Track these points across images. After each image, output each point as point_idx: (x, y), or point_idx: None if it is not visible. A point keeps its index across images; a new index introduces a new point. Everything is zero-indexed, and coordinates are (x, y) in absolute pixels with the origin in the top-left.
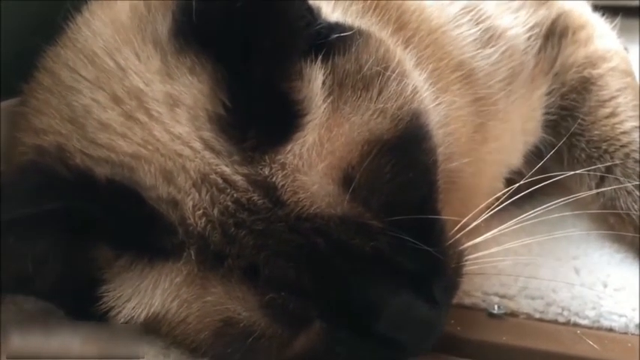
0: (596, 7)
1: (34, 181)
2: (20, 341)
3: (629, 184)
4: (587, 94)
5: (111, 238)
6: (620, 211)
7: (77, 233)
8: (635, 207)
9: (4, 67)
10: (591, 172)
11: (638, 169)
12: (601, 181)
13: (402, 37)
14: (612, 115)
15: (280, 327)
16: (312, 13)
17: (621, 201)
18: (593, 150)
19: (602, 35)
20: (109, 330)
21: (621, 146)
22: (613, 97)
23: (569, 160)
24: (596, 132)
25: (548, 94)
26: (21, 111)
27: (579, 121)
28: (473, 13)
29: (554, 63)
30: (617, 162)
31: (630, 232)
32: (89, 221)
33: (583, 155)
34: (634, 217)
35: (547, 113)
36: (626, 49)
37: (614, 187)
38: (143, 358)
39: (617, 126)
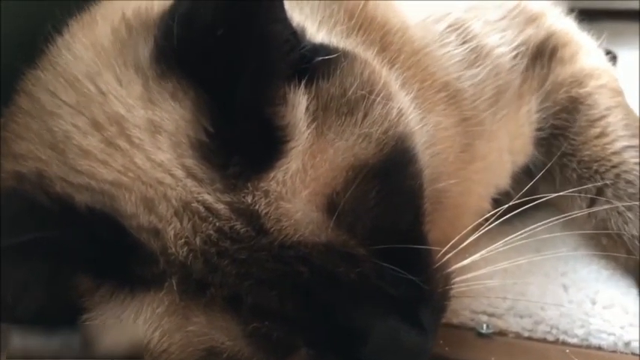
0: (595, 11)
1: (13, 210)
2: (20, 341)
3: (620, 206)
4: (576, 113)
5: (91, 268)
6: (612, 232)
7: (57, 262)
8: (627, 228)
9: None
10: (582, 193)
11: (629, 189)
12: (592, 202)
13: (386, 56)
14: (602, 135)
15: (265, 356)
16: (296, 36)
17: (612, 222)
18: (584, 170)
19: (588, 53)
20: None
21: (612, 167)
22: (603, 117)
23: (560, 180)
24: (586, 152)
25: (539, 111)
26: (0, 135)
27: (570, 140)
28: (459, 31)
29: (544, 82)
30: (608, 182)
31: (622, 253)
32: (69, 250)
33: (574, 175)
34: (625, 238)
35: (539, 130)
36: (614, 56)
37: (606, 207)
38: None
39: (607, 146)
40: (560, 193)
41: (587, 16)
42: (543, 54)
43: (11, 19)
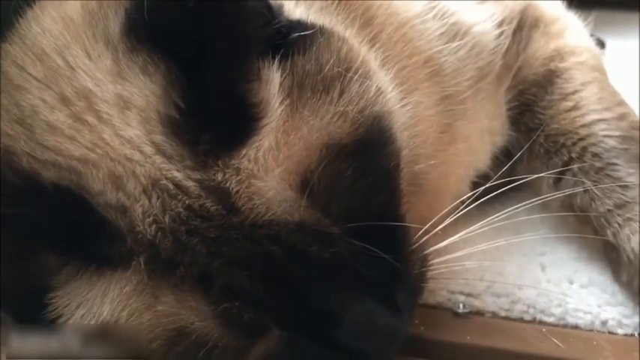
0: (596, 0)
1: None
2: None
3: (586, 182)
4: (550, 86)
5: (57, 246)
6: (578, 211)
7: (22, 239)
8: (593, 205)
9: None
10: (550, 169)
11: (596, 163)
12: (558, 179)
13: (368, 33)
14: (574, 108)
15: (235, 337)
16: (272, 11)
17: (578, 199)
18: (551, 144)
19: (574, 31)
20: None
21: (579, 139)
22: (577, 91)
23: (528, 156)
24: (554, 126)
25: (511, 88)
26: None
27: (538, 115)
28: (439, 7)
29: (519, 56)
30: (574, 156)
31: (589, 233)
32: (34, 227)
33: (542, 150)
34: (592, 217)
35: (510, 108)
36: (602, 42)
37: (572, 184)
38: None
39: (577, 119)
40: (534, 176)
41: (578, 4)
42: (523, 27)
43: None
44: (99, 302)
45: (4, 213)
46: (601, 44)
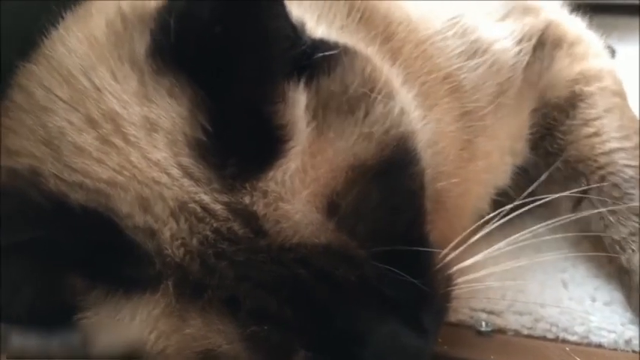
0: (597, 6)
1: (6, 208)
2: (20, 341)
3: (603, 210)
4: (572, 110)
5: (85, 268)
6: (593, 236)
7: (50, 262)
8: (607, 232)
9: None
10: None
11: (614, 193)
12: (577, 204)
13: (389, 50)
14: (595, 135)
15: (262, 359)
16: (297, 32)
17: (593, 225)
18: (570, 171)
19: (597, 54)
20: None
21: (598, 168)
22: (599, 117)
23: (546, 180)
24: (573, 152)
25: (534, 110)
26: None
27: (557, 140)
28: (459, 25)
29: (542, 75)
30: (593, 184)
31: (603, 257)
32: (62, 250)
33: (560, 176)
34: (606, 243)
35: (531, 132)
36: (613, 50)
37: (589, 211)
38: None
39: (597, 146)
40: (555, 196)
41: (586, 11)
42: (544, 44)
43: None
44: (127, 324)
45: (32, 236)
46: (612, 52)
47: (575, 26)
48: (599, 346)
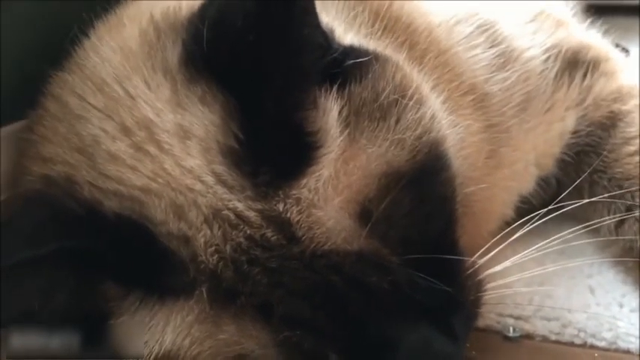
0: (597, 7)
1: (41, 215)
2: (20, 341)
3: None
4: (612, 130)
5: (119, 275)
6: (638, 255)
7: (84, 269)
8: None
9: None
10: (611, 212)
11: None
12: (620, 223)
13: (415, 58)
14: (636, 153)
15: None
16: (327, 39)
17: (639, 244)
18: (615, 188)
19: (624, 70)
20: None
21: None
22: (639, 136)
23: (590, 197)
24: (618, 170)
25: (575, 132)
26: (27, 137)
27: (603, 158)
28: (489, 33)
29: (587, 95)
30: (638, 202)
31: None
32: (96, 257)
33: (604, 193)
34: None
35: (567, 154)
36: (626, 50)
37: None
38: None
39: None
40: (584, 201)
41: (590, 12)
42: (581, 64)
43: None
44: (161, 330)
45: (66, 243)
46: (625, 52)
47: (602, 44)
48: (628, 352)
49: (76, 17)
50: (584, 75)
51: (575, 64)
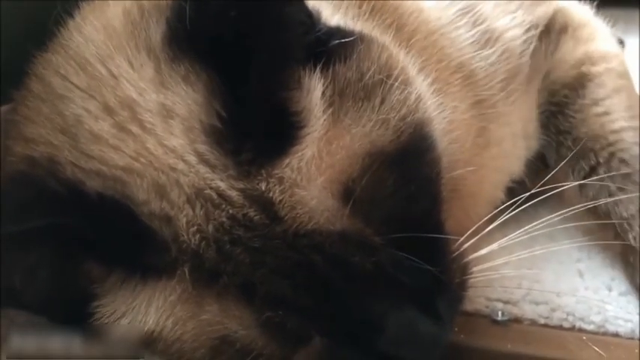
0: None
1: (23, 194)
2: (20, 341)
3: (611, 185)
4: (581, 89)
5: (101, 255)
6: (601, 216)
7: (66, 248)
8: (616, 210)
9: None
10: (575, 172)
11: (623, 169)
12: (584, 184)
13: (403, 40)
14: (604, 113)
15: (278, 345)
16: (312, 18)
17: (602, 204)
18: (579, 148)
19: (604, 38)
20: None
21: (608, 145)
22: (608, 97)
23: (556, 159)
24: (583, 129)
25: (542, 89)
26: (12, 119)
27: (569, 118)
28: (470, 14)
29: (551, 56)
30: (602, 161)
31: (610, 238)
32: (78, 237)
33: (569, 153)
34: (615, 221)
35: (540, 111)
36: (622, 41)
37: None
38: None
39: (607, 125)
40: (573, 184)
41: (594, 4)
42: (551, 31)
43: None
44: (144, 311)
45: (49, 223)
46: (621, 43)
47: (582, 12)
48: (616, 335)
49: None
50: (550, 40)
51: (546, 34)
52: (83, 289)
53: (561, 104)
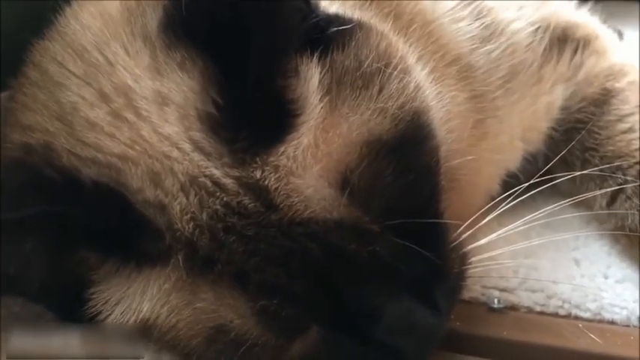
0: None
1: (19, 182)
2: (20, 341)
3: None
4: (606, 107)
5: (96, 242)
6: (629, 233)
7: (61, 236)
8: None
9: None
10: (602, 190)
11: None
12: (612, 200)
13: (399, 28)
14: (630, 130)
15: (274, 334)
16: (309, 5)
17: (630, 220)
18: (607, 166)
19: (614, 48)
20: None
21: (635, 163)
22: (632, 113)
23: (582, 176)
24: (610, 147)
25: (564, 108)
26: (10, 106)
27: (594, 135)
28: (473, 6)
29: (577, 71)
30: (630, 179)
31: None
32: (73, 224)
33: (595, 171)
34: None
35: (555, 128)
36: (621, 33)
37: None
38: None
39: (633, 142)
40: (576, 173)
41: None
42: (571, 41)
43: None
44: (138, 299)
45: (44, 210)
46: (620, 35)
47: (591, 23)
48: (612, 322)
49: None
50: (575, 52)
51: (564, 41)
52: (79, 277)
53: (585, 121)
